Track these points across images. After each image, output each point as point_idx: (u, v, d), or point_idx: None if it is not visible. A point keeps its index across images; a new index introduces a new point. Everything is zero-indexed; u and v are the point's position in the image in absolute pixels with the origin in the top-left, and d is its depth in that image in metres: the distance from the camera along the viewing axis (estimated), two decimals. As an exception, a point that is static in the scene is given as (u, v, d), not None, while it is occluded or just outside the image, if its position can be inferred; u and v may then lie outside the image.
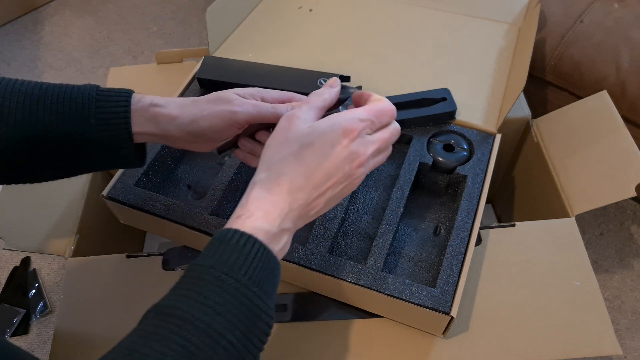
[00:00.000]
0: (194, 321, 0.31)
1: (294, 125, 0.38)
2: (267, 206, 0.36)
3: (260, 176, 0.37)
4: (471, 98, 0.66)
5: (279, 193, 0.36)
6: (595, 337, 0.51)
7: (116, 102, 0.43)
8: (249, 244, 0.34)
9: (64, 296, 0.58)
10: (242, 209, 0.36)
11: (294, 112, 0.39)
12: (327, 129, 0.38)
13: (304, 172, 0.37)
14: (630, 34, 0.80)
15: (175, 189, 0.63)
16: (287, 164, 0.37)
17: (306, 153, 0.37)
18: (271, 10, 0.83)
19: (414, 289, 0.49)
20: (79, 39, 1.50)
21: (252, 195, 0.37)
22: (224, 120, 0.44)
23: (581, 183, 0.63)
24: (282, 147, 0.38)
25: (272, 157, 0.38)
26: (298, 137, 0.38)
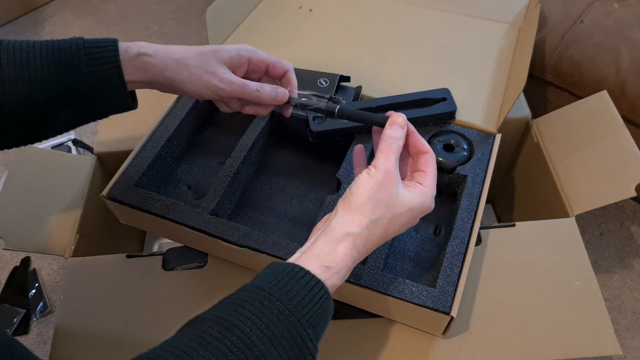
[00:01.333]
0: (252, 347, 0.33)
1: (391, 186, 0.41)
2: (350, 264, 0.40)
3: (354, 229, 0.40)
4: (471, 98, 0.66)
5: (363, 253, 0.41)
6: (595, 337, 0.51)
7: (104, 48, 0.44)
8: (320, 292, 0.37)
9: (64, 296, 0.58)
10: (331, 257, 0.39)
11: (388, 168, 0.41)
12: (417, 206, 0.42)
13: (385, 236, 0.42)
14: (630, 34, 0.80)
15: (175, 189, 0.63)
16: (379, 226, 0.41)
17: (395, 220, 0.41)
18: (271, 10, 0.83)
19: (414, 289, 0.49)
20: (79, 39, 1.50)
21: (344, 250, 0.39)
22: (209, 90, 0.46)
23: (581, 183, 0.63)
24: (378, 207, 0.40)
25: (369, 214, 0.40)
26: (394, 204, 0.41)
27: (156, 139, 0.62)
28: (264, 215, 0.61)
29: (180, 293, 0.56)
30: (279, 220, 0.60)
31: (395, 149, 0.43)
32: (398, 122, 0.44)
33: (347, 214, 0.40)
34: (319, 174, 0.65)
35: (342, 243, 0.39)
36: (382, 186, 0.41)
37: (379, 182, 0.41)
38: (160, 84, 0.47)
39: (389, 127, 0.44)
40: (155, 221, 0.56)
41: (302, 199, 0.62)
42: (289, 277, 0.36)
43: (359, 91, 0.67)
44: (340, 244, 0.39)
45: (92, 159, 0.72)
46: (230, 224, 0.54)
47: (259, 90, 0.48)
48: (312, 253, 0.39)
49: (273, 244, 0.52)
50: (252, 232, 0.53)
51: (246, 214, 0.61)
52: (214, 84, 0.46)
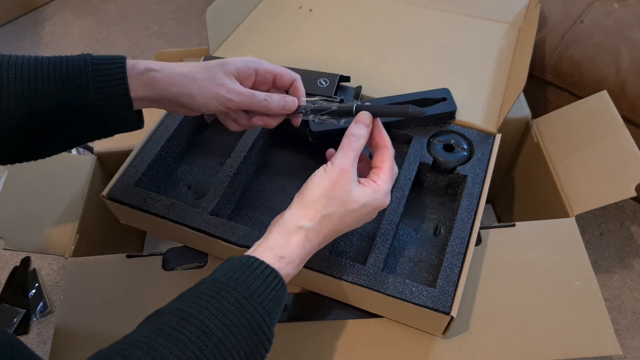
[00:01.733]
0: (211, 335, 0.34)
1: (346, 183, 0.43)
2: (303, 255, 0.42)
3: (306, 223, 0.42)
4: (471, 98, 0.66)
5: (315, 245, 0.42)
6: (595, 337, 0.51)
7: (112, 65, 0.44)
8: (275, 280, 0.39)
9: (64, 296, 0.58)
10: (284, 248, 0.41)
11: (345, 166, 0.43)
12: (369, 203, 0.44)
13: (337, 230, 0.43)
14: (630, 34, 0.80)
15: (175, 189, 0.63)
16: (331, 221, 0.42)
17: (347, 216, 0.43)
18: (271, 10, 0.83)
19: (414, 289, 0.49)
20: (79, 39, 1.50)
21: (297, 242, 0.41)
22: (217, 102, 0.46)
23: (581, 183, 0.63)
24: (330, 203, 0.42)
25: (321, 210, 0.42)
26: (347, 201, 0.43)
27: (156, 139, 0.62)
28: (264, 215, 0.61)
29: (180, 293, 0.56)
30: (279, 220, 0.60)
31: (356, 147, 0.44)
32: (362, 120, 0.46)
33: (301, 209, 0.42)
34: (319, 174, 0.65)
35: (295, 235, 0.41)
36: (336, 183, 0.42)
37: (333, 179, 0.42)
38: (168, 100, 0.46)
39: (353, 125, 0.46)
40: (155, 221, 0.56)
41: (302, 199, 0.62)
42: (244, 268, 0.38)
43: (359, 91, 0.67)
44: (293, 236, 0.41)
45: (92, 159, 0.72)
46: (230, 224, 0.54)
47: (267, 100, 0.48)
48: (267, 245, 0.41)
49: (273, 244, 0.52)
50: (252, 232, 0.53)
51: (246, 214, 0.61)
52: (222, 95, 0.45)
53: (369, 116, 0.46)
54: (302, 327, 0.53)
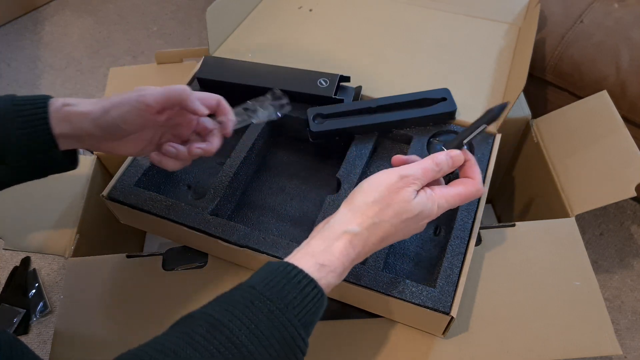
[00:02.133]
0: (240, 347, 0.33)
1: (405, 193, 0.40)
2: (347, 263, 0.39)
3: (354, 228, 0.39)
4: (471, 98, 0.66)
5: (361, 254, 0.40)
6: (595, 337, 0.51)
7: (33, 104, 0.43)
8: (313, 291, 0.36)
9: (64, 296, 0.58)
10: (326, 254, 0.38)
11: (408, 178, 0.41)
12: (423, 212, 0.41)
13: (387, 238, 0.41)
14: (630, 34, 0.80)
15: (175, 189, 0.63)
16: (381, 229, 0.40)
17: (400, 226, 0.40)
18: (271, 10, 0.83)
19: (414, 289, 0.49)
20: (79, 39, 1.50)
21: (340, 248, 0.38)
22: (133, 106, 0.43)
23: (581, 183, 0.63)
24: (385, 211, 0.40)
25: (373, 216, 0.39)
26: (403, 210, 0.40)
27: (156, 139, 0.62)
28: (264, 215, 0.61)
29: (180, 293, 0.56)
30: (279, 220, 0.60)
31: (431, 174, 0.42)
32: (453, 155, 0.44)
33: (349, 212, 0.40)
34: (319, 174, 0.65)
35: (339, 241, 0.39)
36: (396, 191, 0.40)
37: (393, 186, 0.40)
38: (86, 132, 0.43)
39: (443, 154, 0.44)
40: (155, 221, 0.56)
41: (302, 199, 0.62)
42: (281, 276, 0.36)
43: (359, 91, 0.67)
44: (337, 241, 0.39)
45: (92, 159, 0.72)
46: (230, 224, 0.54)
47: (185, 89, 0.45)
48: (308, 251, 0.38)
49: (273, 244, 0.52)
50: (252, 232, 0.53)
51: (246, 214, 0.61)
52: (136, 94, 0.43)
53: (461, 158, 0.45)
54: (302, 327, 0.53)
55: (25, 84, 1.37)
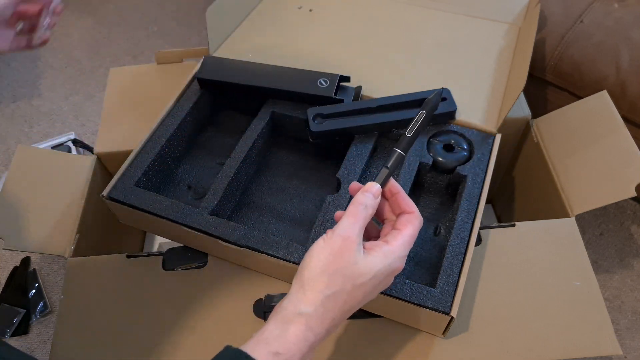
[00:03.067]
0: None
1: (349, 254, 0.37)
2: (305, 349, 0.36)
3: (307, 309, 0.36)
4: (471, 98, 0.66)
5: (319, 334, 0.36)
6: (595, 337, 0.51)
7: None
8: None
9: (64, 296, 0.58)
10: (281, 341, 0.35)
11: (349, 235, 0.38)
12: (381, 271, 0.38)
13: (347, 310, 0.38)
14: (630, 34, 0.80)
15: (175, 189, 0.63)
16: (336, 301, 0.37)
17: (356, 292, 0.37)
18: (271, 10, 0.83)
19: (414, 289, 0.49)
20: (79, 39, 1.50)
21: (297, 334, 0.35)
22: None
23: (581, 183, 0.63)
24: (334, 280, 0.37)
25: (323, 289, 0.36)
26: (353, 274, 0.37)
27: (156, 139, 0.62)
28: (264, 215, 0.61)
29: (180, 293, 0.56)
30: (279, 220, 0.60)
31: (362, 217, 0.39)
32: (372, 190, 0.41)
33: (299, 290, 0.37)
34: (319, 174, 0.65)
35: (294, 324, 0.35)
36: (339, 255, 0.37)
37: (334, 250, 0.37)
38: None
39: (361, 193, 0.41)
40: (155, 221, 0.56)
41: (302, 199, 0.62)
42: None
43: (359, 91, 0.67)
44: (292, 325, 0.35)
45: (92, 159, 0.72)
46: (230, 224, 0.54)
47: None
48: (262, 337, 0.35)
49: (273, 244, 0.52)
50: (252, 232, 0.53)
51: (246, 214, 0.61)
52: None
53: (378, 188, 0.42)
54: (302, 327, 0.53)
55: (25, 84, 1.37)
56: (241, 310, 0.55)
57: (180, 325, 0.54)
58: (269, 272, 0.56)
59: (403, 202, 0.42)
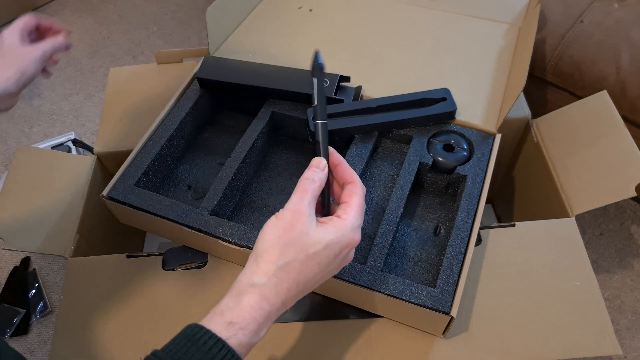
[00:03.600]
0: None
1: (301, 225, 0.38)
2: (260, 318, 0.36)
3: (260, 280, 0.37)
4: (471, 98, 0.66)
5: (275, 304, 0.37)
6: (595, 337, 0.51)
7: None
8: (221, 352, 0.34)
9: (64, 296, 0.58)
10: (235, 311, 0.36)
11: (299, 208, 0.39)
12: (334, 241, 0.39)
13: (302, 281, 0.38)
14: (630, 34, 0.80)
15: (175, 189, 0.63)
16: (289, 272, 0.38)
17: (310, 263, 0.38)
18: (271, 10, 0.83)
19: (414, 289, 0.49)
20: (79, 39, 1.50)
21: (250, 302, 0.36)
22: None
23: (581, 183, 0.63)
24: (287, 250, 0.38)
25: (276, 260, 0.37)
26: (305, 244, 0.38)
27: (156, 139, 0.62)
28: (264, 215, 0.61)
29: (180, 293, 0.56)
30: (279, 220, 0.60)
31: (310, 189, 0.41)
32: (314, 163, 0.43)
33: (253, 262, 0.38)
34: (319, 174, 0.65)
35: (247, 295, 0.37)
36: (290, 227, 0.38)
37: (286, 223, 0.38)
38: None
39: (307, 170, 0.43)
40: (155, 221, 0.56)
41: (302, 199, 0.62)
42: (186, 339, 0.35)
43: (359, 91, 0.67)
44: (246, 296, 0.37)
45: (92, 159, 0.72)
46: (230, 224, 0.54)
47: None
48: (218, 310, 0.37)
49: (273, 244, 0.52)
50: (252, 232, 0.53)
51: (246, 214, 0.61)
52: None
53: (321, 159, 0.43)
54: (302, 327, 0.53)
55: (25, 84, 1.37)
56: (241, 310, 0.55)
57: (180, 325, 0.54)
58: (269, 272, 0.56)
59: (345, 173, 0.43)
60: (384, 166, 0.63)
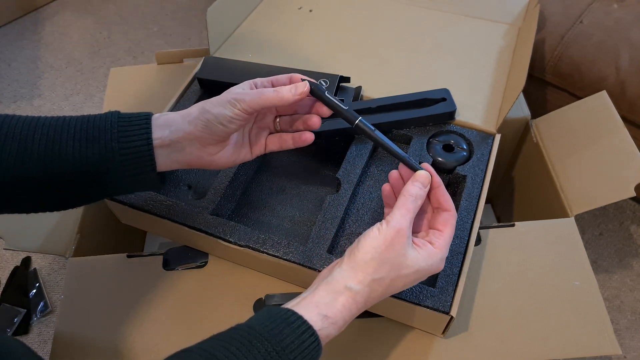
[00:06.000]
0: None
1: (400, 246, 0.41)
2: (347, 317, 0.40)
3: (356, 287, 0.40)
4: (471, 98, 0.66)
5: (361, 308, 0.41)
6: (595, 337, 0.51)
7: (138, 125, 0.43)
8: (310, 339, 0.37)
9: (64, 296, 0.58)
10: (330, 307, 0.39)
11: (402, 227, 0.41)
12: (424, 268, 0.42)
13: (386, 294, 0.42)
14: (630, 34, 0.81)
15: (175, 189, 0.63)
16: (381, 285, 0.40)
17: (398, 281, 0.41)
18: (271, 11, 0.83)
19: (413, 289, 0.49)
20: (79, 39, 1.50)
21: (344, 303, 0.39)
22: (230, 105, 0.44)
23: (581, 183, 0.63)
24: (383, 267, 0.40)
25: (372, 273, 0.40)
26: (400, 265, 0.41)
27: (156, 139, 0.62)
28: (264, 215, 0.61)
29: (180, 293, 0.57)
30: (279, 220, 0.60)
31: (413, 208, 0.42)
32: (420, 180, 0.44)
33: (351, 269, 0.40)
34: (319, 174, 0.65)
35: (343, 296, 0.39)
36: (391, 245, 0.40)
37: (387, 240, 0.40)
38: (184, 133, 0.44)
39: (411, 183, 0.43)
40: (155, 221, 0.56)
41: (302, 199, 0.62)
42: (280, 320, 0.37)
43: (359, 91, 0.67)
44: (341, 296, 0.39)
45: (93, 159, 0.72)
46: (230, 224, 0.54)
47: (277, 91, 0.46)
48: (312, 300, 0.39)
49: (273, 244, 0.52)
50: (252, 232, 0.53)
51: (246, 214, 0.61)
52: (234, 97, 0.44)
53: (427, 176, 0.44)
54: (302, 326, 0.53)
55: (26, 84, 1.37)
56: (241, 310, 0.55)
57: (181, 325, 0.55)
58: (269, 271, 0.57)
59: (442, 198, 0.44)
60: (384, 166, 0.63)
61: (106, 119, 0.43)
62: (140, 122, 0.43)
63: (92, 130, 0.42)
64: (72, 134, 0.42)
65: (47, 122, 0.42)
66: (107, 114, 0.43)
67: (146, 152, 0.43)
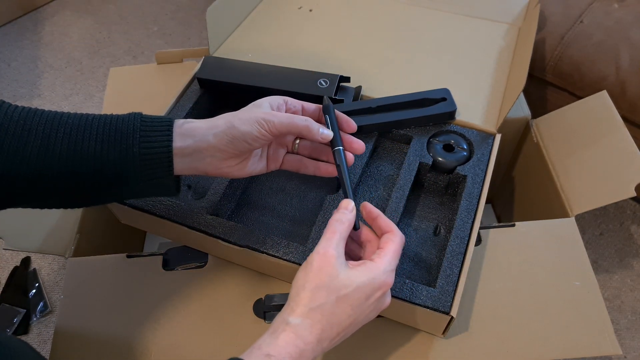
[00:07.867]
0: None
1: (330, 268, 0.40)
2: (295, 354, 0.38)
3: (295, 320, 0.39)
4: (471, 98, 0.66)
5: (309, 343, 0.39)
6: (595, 337, 0.51)
7: (159, 129, 0.43)
8: None
9: (64, 296, 0.58)
10: (272, 345, 0.38)
11: (327, 251, 0.41)
12: (365, 283, 0.40)
13: (336, 323, 0.40)
14: (630, 34, 0.80)
15: (176, 189, 0.63)
16: (322, 313, 0.39)
17: (341, 304, 0.40)
18: (271, 10, 0.83)
19: (414, 289, 0.49)
20: (79, 39, 1.50)
21: (287, 340, 0.38)
22: (258, 125, 0.44)
23: (581, 183, 0.63)
24: (318, 294, 0.39)
25: (308, 303, 0.39)
26: (336, 286, 0.40)
27: (156, 139, 0.62)
28: (264, 215, 0.61)
29: (180, 293, 0.57)
30: (279, 220, 0.60)
31: (339, 230, 0.42)
32: (343, 205, 0.45)
33: (288, 305, 0.40)
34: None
35: (283, 332, 0.39)
36: (319, 270, 0.40)
37: (315, 266, 0.40)
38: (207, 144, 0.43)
39: (336, 212, 0.44)
40: (155, 221, 0.56)
41: (302, 199, 0.62)
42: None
43: (359, 91, 0.67)
44: (282, 332, 0.39)
45: (92, 159, 0.72)
46: (230, 224, 0.54)
47: (308, 122, 0.46)
48: (256, 345, 0.39)
49: (273, 244, 0.52)
50: (252, 232, 0.53)
51: (246, 214, 0.61)
52: (263, 117, 0.44)
53: (349, 201, 0.45)
54: (302, 327, 0.53)
55: (25, 84, 1.37)
56: (241, 310, 0.55)
57: (181, 325, 0.55)
58: (269, 272, 0.56)
59: (383, 224, 0.45)
60: (384, 166, 0.63)
61: (129, 122, 0.42)
62: (162, 128, 0.43)
63: (115, 133, 0.42)
64: (94, 135, 0.41)
65: (70, 120, 0.42)
66: (130, 116, 0.43)
67: (165, 159, 0.43)
